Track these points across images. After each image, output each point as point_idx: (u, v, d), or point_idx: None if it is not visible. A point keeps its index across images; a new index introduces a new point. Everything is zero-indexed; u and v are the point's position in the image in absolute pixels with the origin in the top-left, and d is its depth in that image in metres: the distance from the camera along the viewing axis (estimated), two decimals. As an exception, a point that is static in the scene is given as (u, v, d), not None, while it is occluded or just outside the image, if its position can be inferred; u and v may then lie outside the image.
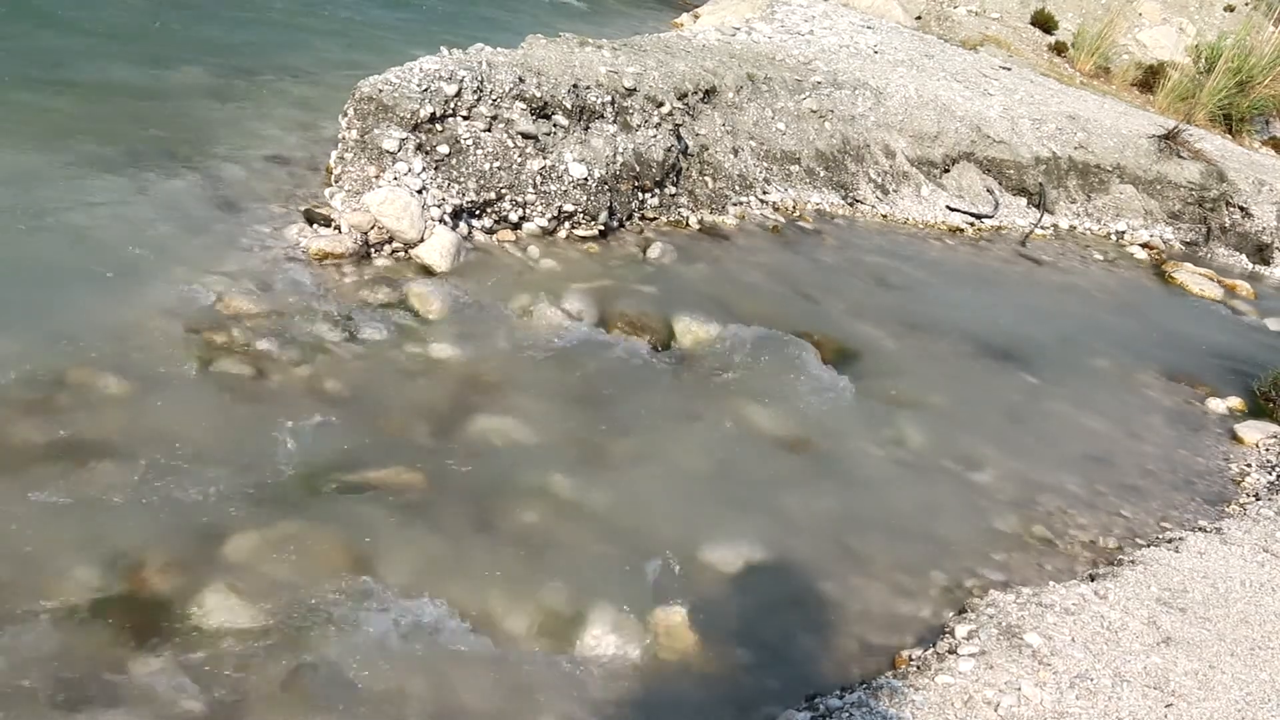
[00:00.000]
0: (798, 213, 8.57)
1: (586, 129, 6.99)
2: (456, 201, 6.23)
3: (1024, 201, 10.55)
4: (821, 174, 9.11)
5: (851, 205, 9.11)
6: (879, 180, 9.47)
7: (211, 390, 4.54)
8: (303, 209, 6.02)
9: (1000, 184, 10.46)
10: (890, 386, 6.10)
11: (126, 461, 3.97)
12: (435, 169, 6.20)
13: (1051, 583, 4.47)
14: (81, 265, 5.13)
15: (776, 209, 8.46)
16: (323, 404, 4.65)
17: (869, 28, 12.28)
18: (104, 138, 6.38)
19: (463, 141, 6.33)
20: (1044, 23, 15.63)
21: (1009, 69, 12.81)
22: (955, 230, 9.53)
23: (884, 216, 9.22)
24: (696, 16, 13.14)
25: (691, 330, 6.08)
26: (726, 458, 5.03)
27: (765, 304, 6.67)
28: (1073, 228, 10.67)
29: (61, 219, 5.42)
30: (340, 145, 6.21)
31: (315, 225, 5.86)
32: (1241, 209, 11.51)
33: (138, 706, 3.08)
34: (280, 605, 3.53)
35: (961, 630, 4.04)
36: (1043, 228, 10.32)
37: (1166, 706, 3.63)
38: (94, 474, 3.87)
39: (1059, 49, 15.19)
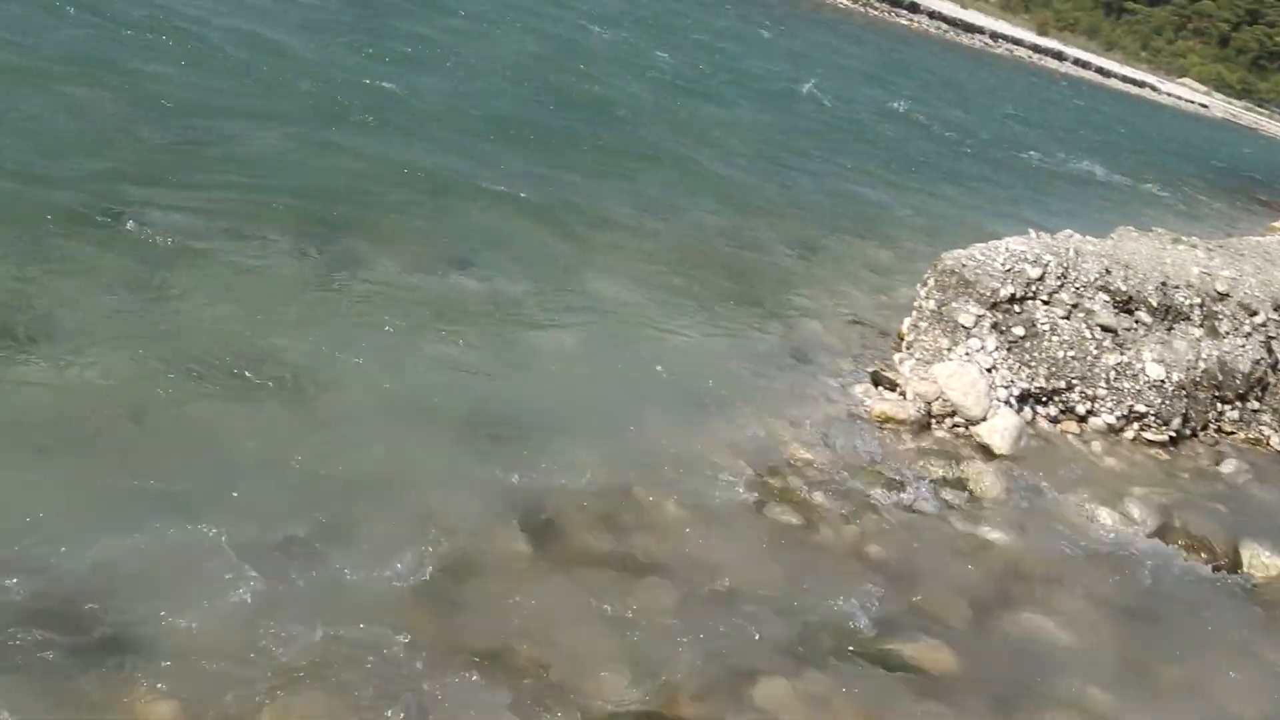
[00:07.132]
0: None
1: (1169, 329, 6.65)
2: (1025, 385, 6.13)
3: None
4: None
5: None
6: None
7: (761, 530, 4.74)
8: (870, 370, 6.18)
9: None
10: None
11: (674, 582, 4.22)
12: (1008, 350, 6.14)
13: None
14: (657, 390, 5.57)
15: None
16: (865, 566, 4.70)
17: None
18: (692, 277, 6.93)
19: (1039, 325, 6.23)
20: None
21: None
22: None
23: None
24: (1296, 221, 12.18)
25: (1263, 560, 5.53)
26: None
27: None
28: None
29: (636, 349, 5.88)
30: (915, 313, 6.33)
31: (880, 388, 5.98)
32: None
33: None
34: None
35: None
36: None
37: None
38: (643, 589, 4.13)
39: None
